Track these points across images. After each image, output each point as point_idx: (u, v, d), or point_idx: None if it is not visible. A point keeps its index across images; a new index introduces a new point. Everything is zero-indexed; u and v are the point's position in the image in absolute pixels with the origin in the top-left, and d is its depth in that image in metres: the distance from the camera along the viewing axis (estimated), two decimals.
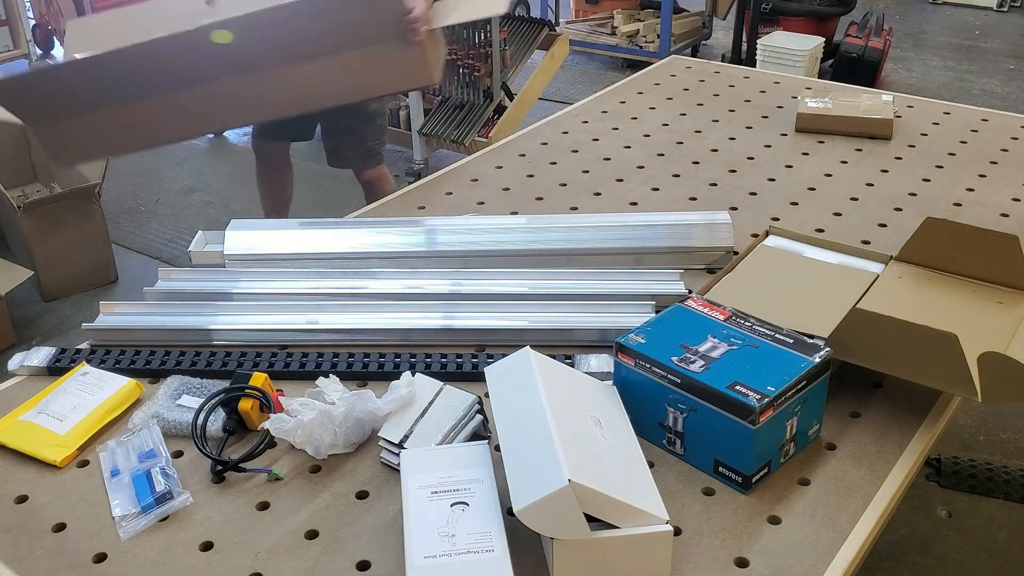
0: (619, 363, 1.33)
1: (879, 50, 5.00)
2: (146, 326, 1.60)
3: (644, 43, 5.60)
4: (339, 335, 1.58)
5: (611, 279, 1.70)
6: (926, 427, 1.37)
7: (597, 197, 2.07)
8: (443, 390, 1.35)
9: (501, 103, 4.32)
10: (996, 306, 1.51)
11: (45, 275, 3.41)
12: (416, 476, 1.18)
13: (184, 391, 1.43)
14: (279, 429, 1.29)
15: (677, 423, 1.28)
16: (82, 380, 1.46)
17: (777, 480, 1.27)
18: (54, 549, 1.20)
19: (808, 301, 1.53)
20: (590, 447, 1.15)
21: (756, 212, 1.97)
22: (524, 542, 1.13)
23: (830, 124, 2.33)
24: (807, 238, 1.73)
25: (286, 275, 1.74)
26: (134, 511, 1.23)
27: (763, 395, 1.20)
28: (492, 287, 1.68)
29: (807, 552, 1.16)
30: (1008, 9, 6.77)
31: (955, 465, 2.50)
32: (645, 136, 2.37)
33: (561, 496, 1.03)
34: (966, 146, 2.27)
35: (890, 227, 1.90)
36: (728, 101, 2.58)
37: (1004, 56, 5.92)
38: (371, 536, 1.20)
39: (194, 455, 1.33)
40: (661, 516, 1.10)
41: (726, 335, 1.33)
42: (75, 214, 3.41)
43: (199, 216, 4.08)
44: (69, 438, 1.35)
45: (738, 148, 2.29)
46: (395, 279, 1.71)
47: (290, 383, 1.46)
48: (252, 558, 1.17)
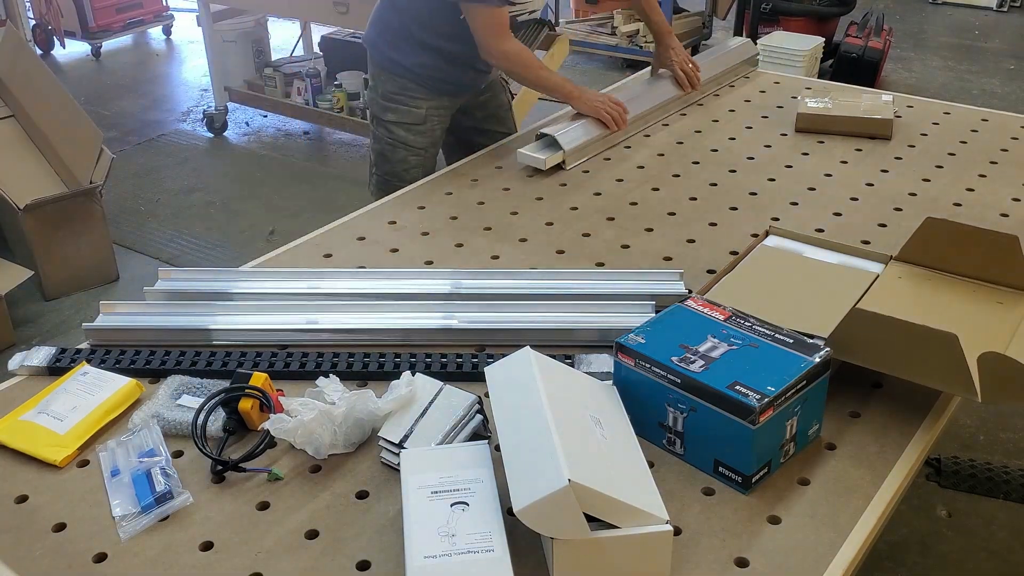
0: (619, 363, 1.33)
1: (879, 50, 5.00)
2: (146, 326, 1.59)
3: (644, 43, 5.59)
4: (339, 335, 1.58)
5: (611, 279, 1.70)
6: (926, 427, 1.37)
7: (597, 197, 2.07)
8: (443, 390, 1.35)
9: None
10: (996, 306, 1.51)
11: (46, 275, 3.41)
12: (416, 476, 1.18)
13: (184, 391, 1.43)
14: (279, 429, 1.29)
15: (677, 423, 1.28)
16: (82, 380, 1.46)
17: (777, 480, 1.27)
18: (54, 549, 1.19)
19: (808, 301, 1.53)
20: (590, 447, 1.15)
21: (756, 212, 1.97)
22: (524, 542, 1.13)
23: (830, 124, 2.33)
24: (807, 238, 1.73)
25: (286, 275, 1.74)
26: (134, 511, 1.23)
27: (763, 395, 1.20)
28: (492, 287, 1.68)
29: (807, 552, 1.16)
30: (1008, 9, 6.76)
31: (955, 465, 2.50)
32: (645, 136, 2.37)
33: (561, 496, 1.03)
34: (966, 146, 2.27)
35: (890, 227, 1.90)
36: (728, 101, 2.58)
37: (1004, 56, 5.91)
38: (371, 536, 1.20)
39: (194, 455, 1.33)
40: (661, 516, 1.09)
41: (726, 335, 1.33)
42: (76, 214, 3.41)
43: (199, 216, 4.08)
44: (69, 438, 1.35)
45: (738, 148, 2.29)
46: (395, 279, 1.72)
47: (290, 383, 1.46)
48: (252, 558, 1.17)
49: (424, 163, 2.42)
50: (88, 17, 6.01)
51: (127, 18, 6.24)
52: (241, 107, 5.09)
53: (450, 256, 1.85)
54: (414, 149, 2.38)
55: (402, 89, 2.33)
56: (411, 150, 2.38)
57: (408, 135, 2.37)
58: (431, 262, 1.83)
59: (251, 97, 4.88)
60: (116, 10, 6.15)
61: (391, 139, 2.38)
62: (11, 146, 3.64)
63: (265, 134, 4.97)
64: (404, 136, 2.37)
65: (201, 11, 4.72)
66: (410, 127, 2.36)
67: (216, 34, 4.79)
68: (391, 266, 1.83)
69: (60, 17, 5.92)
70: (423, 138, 2.38)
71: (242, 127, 5.04)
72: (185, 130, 5.05)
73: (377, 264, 1.83)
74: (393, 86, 2.35)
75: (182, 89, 5.72)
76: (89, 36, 6.07)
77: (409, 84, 2.32)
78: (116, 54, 6.28)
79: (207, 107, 5.07)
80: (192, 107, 5.34)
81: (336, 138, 4.85)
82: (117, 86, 5.70)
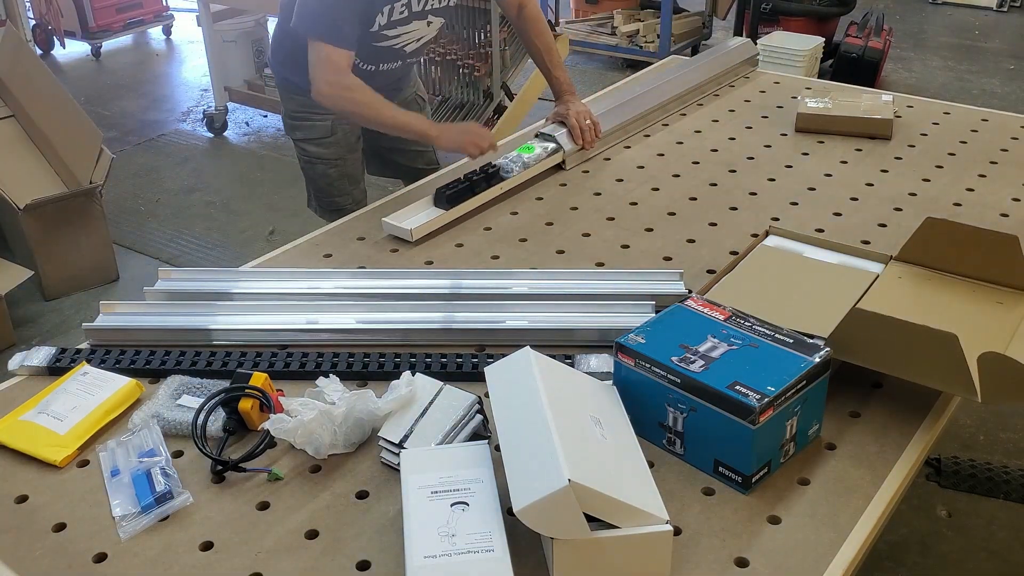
0: (619, 363, 1.33)
1: (879, 50, 5.00)
2: (146, 326, 1.60)
3: (644, 43, 5.59)
4: (339, 335, 1.58)
5: (611, 279, 1.70)
6: (926, 427, 1.37)
7: (597, 197, 2.07)
8: (443, 390, 1.35)
9: (501, 103, 4.32)
10: (996, 306, 1.51)
11: (46, 275, 3.41)
12: (416, 476, 1.18)
13: (184, 391, 1.43)
14: (279, 429, 1.29)
15: (677, 423, 1.28)
16: (82, 380, 1.46)
17: (777, 480, 1.27)
18: (54, 549, 1.20)
19: (808, 301, 1.53)
20: (590, 447, 1.15)
21: (756, 212, 1.97)
22: (524, 542, 1.13)
23: (830, 124, 2.33)
24: (807, 238, 1.73)
25: (286, 275, 1.74)
26: (134, 511, 1.23)
27: (763, 395, 1.20)
28: (492, 287, 1.68)
29: (807, 552, 1.16)
30: (1008, 9, 6.76)
31: (955, 465, 2.50)
32: (645, 136, 2.37)
33: (561, 496, 1.03)
34: (966, 146, 2.27)
35: (890, 227, 1.90)
36: (728, 101, 2.58)
37: (1004, 56, 5.91)
38: (371, 536, 1.20)
39: (194, 455, 1.33)
40: (661, 516, 1.09)
41: (726, 335, 1.32)
42: (76, 214, 3.41)
43: (199, 216, 4.08)
44: (69, 438, 1.35)
45: (738, 148, 2.29)
46: (395, 279, 1.72)
47: (290, 383, 1.46)
48: (252, 558, 1.17)
49: (347, 171, 2.36)
50: (88, 17, 6.01)
51: (127, 18, 6.24)
52: (241, 107, 5.09)
53: (450, 256, 1.85)
54: (330, 161, 2.32)
55: (302, 106, 2.26)
56: (328, 163, 2.33)
57: (319, 149, 2.32)
58: (431, 262, 1.83)
59: (251, 97, 4.88)
60: (116, 10, 6.15)
61: (306, 157, 2.35)
62: (11, 146, 3.64)
63: (265, 134, 4.97)
64: (316, 151, 2.32)
65: (201, 11, 4.72)
66: (319, 141, 2.31)
67: (216, 34, 4.79)
68: (391, 266, 1.83)
69: (60, 17, 5.92)
70: (335, 149, 2.32)
71: (242, 127, 5.04)
72: (185, 130, 5.05)
73: (377, 264, 1.83)
74: (294, 104, 2.30)
75: (182, 89, 5.72)
76: (89, 36, 6.07)
77: (307, 100, 2.17)
78: (116, 54, 6.28)
79: (207, 107, 5.07)
80: (192, 107, 5.34)
81: None
82: (117, 86, 5.70)
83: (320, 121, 2.28)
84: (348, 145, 2.35)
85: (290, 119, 2.35)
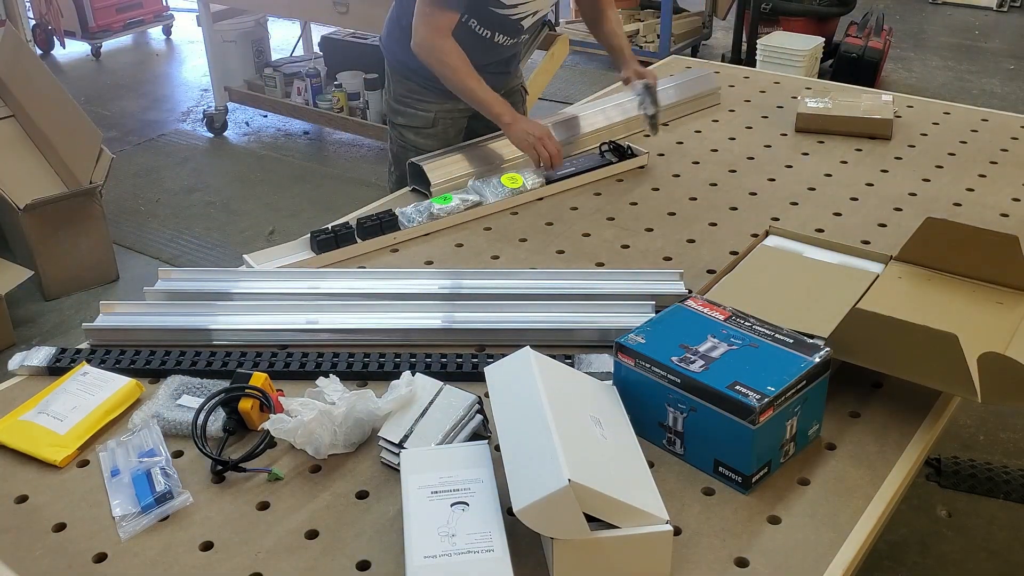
0: (619, 363, 1.33)
1: (879, 50, 5.00)
2: (146, 326, 1.59)
3: (644, 43, 5.59)
4: (339, 335, 1.58)
5: (611, 279, 1.70)
6: (926, 427, 1.37)
7: (597, 197, 2.07)
8: (443, 390, 1.35)
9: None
10: (996, 306, 1.51)
11: (46, 275, 3.41)
12: (416, 476, 1.18)
13: (184, 391, 1.43)
14: (279, 429, 1.29)
15: (677, 423, 1.28)
16: (82, 380, 1.46)
17: (777, 480, 1.27)
18: (54, 549, 1.19)
19: (808, 301, 1.53)
20: (590, 447, 1.15)
21: (756, 212, 1.97)
22: (524, 542, 1.13)
23: (830, 124, 2.33)
24: (807, 238, 1.73)
25: (286, 275, 1.74)
26: (134, 511, 1.23)
27: (763, 395, 1.20)
28: (492, 287, 1.68)
29: (807, 552, 1.16)
30: (1008, 9, 6.76)
31: (955, 465, 2.50)
32: (645, 136, 2.37)
33: (561, 496, 1.03)
34: (966, 146, 2.27)
35: (890, 227, 1.90)
36: (728, 101, 2.58)
37: (1004, 56, 5.91)
38: (371, 536, 1.20)
39: (194, 455, 1.33)
40: (661, 516, 1.10)
41: (726, 335, 1.33)
42: (76, 214, 3.41)
43: (199, 216, 4.08)
44: (69, 438, 1.35)
45: (738, 148, 2.29)
46: (395, 279, 1.72)
47: (290, 383, 1.46)
48: (252, 558, 1.17)
49: None
50: (88, 17, 6.01)
51: (127, 18, 6.24)
52: (241, 107, 5.09)
53: (450, 256, 1.85)
54: (425, 153, 2.28)
55: (410, 92, 2.29)
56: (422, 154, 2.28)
57: (417, 138, 2.33)
58: (431, 262, 1.83)
59: (251, 97, 4.88)
60: (116, 10, 6.15)
61: (402, 142, 2.35)
62: (11, 146, 3.65)
63: (265, 134, 4.97)
64: (413, 140, 2.33)
65: (201, 11, 4.72)
66: (419, 131, 2.32)
67: (216, 34, 4.79)
68: (391, 266, 1.83)
69: (60, 17, 5.92)
70: (433, 141, 2.32)
71: (242, 127, 5.04)
72: (185, 130, 5.05)
73: (378, 264, 1.83)
74: (402, 88, 2.31)
75: (182, 89, 5.72)
76: (89, 36, 6.07)
77: (416, 87, 2.27)
78: (116, 54, 6.28)
79: (207, 107, 5.07)
80: (192, 107, 5.34)
81: (336, 138, 4.85)
82: (117, 86, 5.71)
83: (424, 112, 2.30)
84: (447, 139, 2.34)
85: (395, 102, 2.35)
